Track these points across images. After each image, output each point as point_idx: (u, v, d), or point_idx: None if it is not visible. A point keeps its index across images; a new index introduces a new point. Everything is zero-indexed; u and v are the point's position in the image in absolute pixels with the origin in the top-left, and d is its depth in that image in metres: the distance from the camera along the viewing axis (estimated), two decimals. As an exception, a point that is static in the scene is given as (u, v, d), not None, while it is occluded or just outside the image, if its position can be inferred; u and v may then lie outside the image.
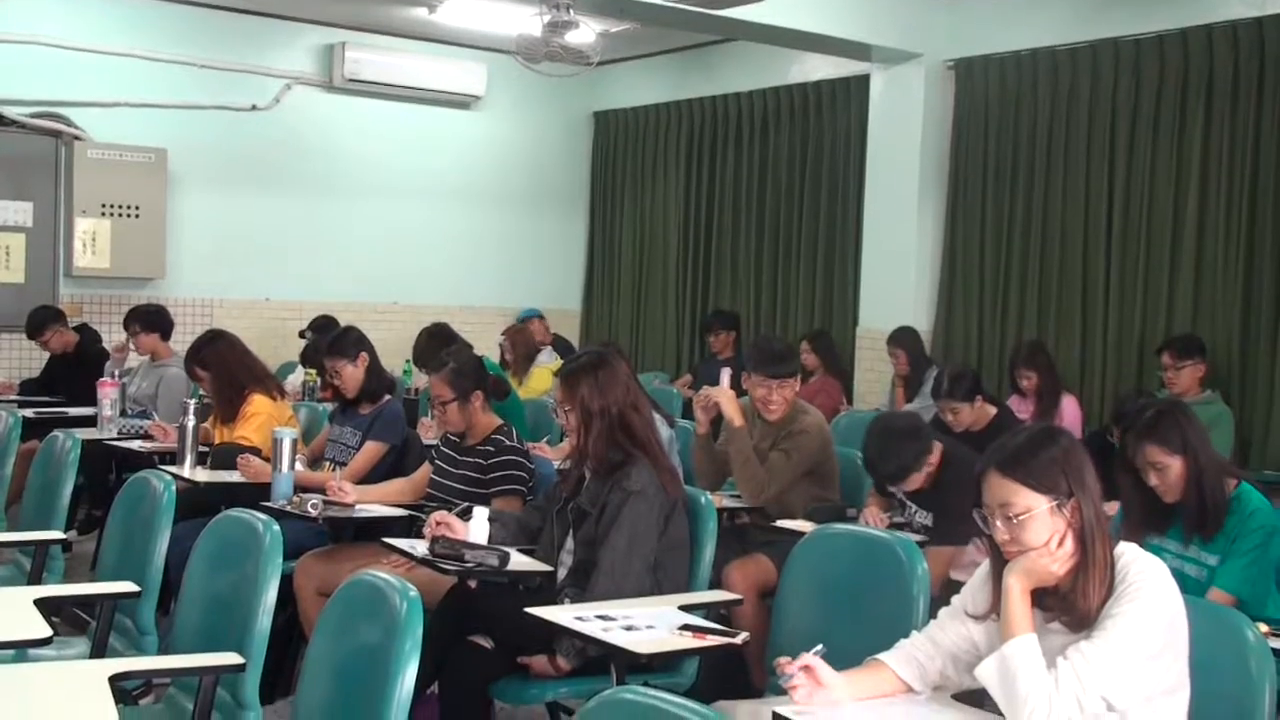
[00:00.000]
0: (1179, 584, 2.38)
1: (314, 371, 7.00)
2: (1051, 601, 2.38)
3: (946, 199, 7.73)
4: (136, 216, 8.41)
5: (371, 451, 4.79)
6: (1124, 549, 2.39)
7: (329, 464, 4.97)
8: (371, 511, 4.29)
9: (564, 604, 3.36)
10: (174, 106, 8.60)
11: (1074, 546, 2.34)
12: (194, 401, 5.08)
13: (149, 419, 6.01)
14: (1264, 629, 2.85)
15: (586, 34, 6.78)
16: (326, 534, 4.53)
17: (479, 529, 3.63)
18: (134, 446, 5.47)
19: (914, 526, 4.21)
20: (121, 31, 8.43)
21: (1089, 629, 2.32)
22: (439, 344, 5.79)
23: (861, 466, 4.45)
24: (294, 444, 4.46)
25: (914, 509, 4.27)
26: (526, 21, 6.79)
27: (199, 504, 4.41)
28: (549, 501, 3.82)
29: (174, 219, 8.62)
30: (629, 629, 2.96)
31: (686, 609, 3.20)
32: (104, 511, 5.27)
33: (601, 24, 7.67)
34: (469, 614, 3.50)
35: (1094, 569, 2.33)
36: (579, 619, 3.01)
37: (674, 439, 5.02)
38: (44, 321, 7.23)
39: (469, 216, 9.96)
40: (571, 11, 6.64)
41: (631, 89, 10.15)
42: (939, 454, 4.18)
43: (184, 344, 6.12)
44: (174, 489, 3.52)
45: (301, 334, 8.27)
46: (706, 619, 3.24)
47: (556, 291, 10.34)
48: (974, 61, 7.54)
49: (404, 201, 9.64)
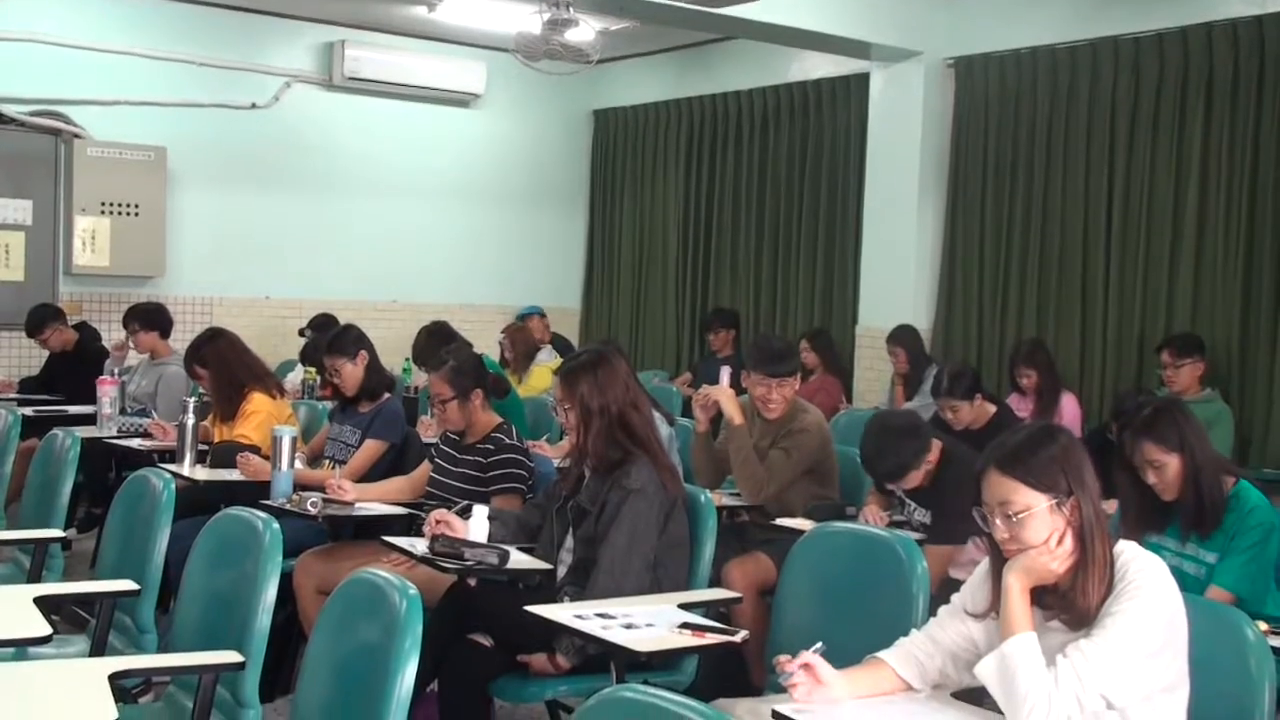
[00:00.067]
0: (1178, 582, 2.38)
1: (313, 370, 7.00)
2: (1051, 600, 2.38)
3: (946, 197, 7.72)
4: (136, 215, 8.41)
5: (371, 450, 4.79)
6: (1123, 547, 2.39)
7: (328, 462, 4.97)
8: (371, 510, 4.29)
9: (563, 602, 3.36)
10: (174, 105, 8.60)
11: (1073, 545, 2.34)
12: (193, 400, 5.08)
13: (148, 417, 6.01)
14: (1263, 627, 2.85)
15: (586, 32, 6.78)
16: (326, 532, 4.53)
17: (478, 527, 3.63)
18: (133, 445, 5.47)
19: (913, 525, 4.21)
20: (121, 30, 8.42)
21: (1088, 627, 2.32)
22: (439, 342, 5.79)
23: (861, 465, 4.45)
24: (293, 442, 4.46)
25: (913, 507, 4.27)
26: (526, 20, 6.79)
27: (198, 502, 4.42)
28: (548, 500, 3.82)
29: (173, 217, 8.62)
30: (628, 627, 2.95)
31: (686, 607, 3.20)
32: (103, 510, 5.27)
33: (601, 22, 7.67)
34: (469, 612, 3.50)
35: (1093, 567, 2.33)
36: (578, 617, 3.00)
37: (673, 437, 5.02)
38: (43, 320, 7.23)
39: (469, 215, 9.95)
40: (571, 9, 6.64)
41: (631, 87, 10.14)
42: (938, 452, 4.18)
43: (183, 342, 6.13)
44: (173, 487, 3.52)
45: (301, 332, 8.27)
46: (706, 617, 3.24)
47: (556, 290, 10.33)
48: (974, 60, 7.53)
49: (404, 200, 9.63)
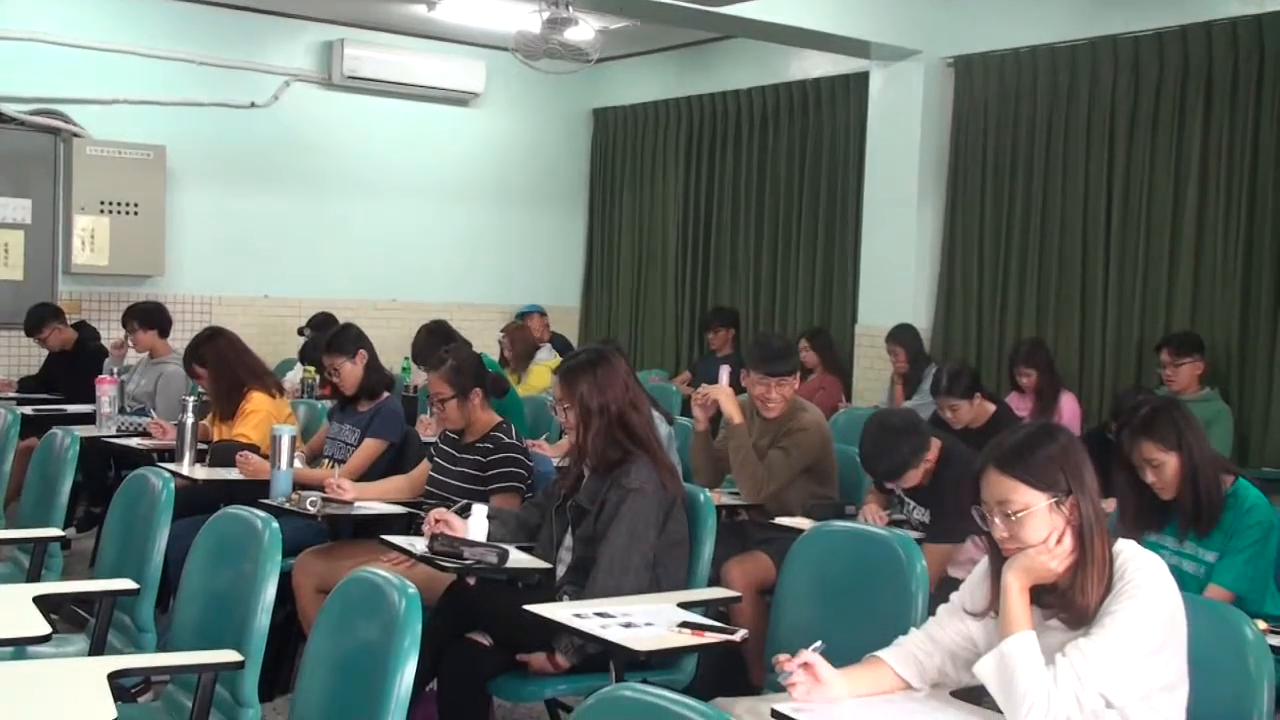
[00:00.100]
0: (1177, 581, 2.38)
1: (313, 369, 7.00)
2: (1050, 599, 2.38)
3: (946, 196, 7.72)
4: (135, 214, 8.41)
5: (370, 449, 4.79)
6: (1122, 546, 2.39)
7: (328, 461, 4.97)
8: (370, 509, 4.28)
9: (563, 601, 3.36)
10: (173, 104, 8.60)
11: (1072, 543, 2.34)
12: (192, 399, 5.08)
13: (147, 416, 6.01)
14: (1262, 626, 2.85)
15: (585, 31, 6.78)
16: (325, 531, 4.53)
17: (478, 526, 3.63)
18: (133, 444, 5.47)
19: (912, 523, 4.21)
20: (120, 28, 8.42)
21: (1087, 626, 2.32)
22: (438, 341, 5.79)
23: (860, 464, 4.45)
24: (293, 441, 4.46)
25: (912, 506, 4.27)
26: (525, 18, 6.80)
27: (198, 501, 4.41)
28: (548, 499, 3.82)
29: (173, 216, 8.62)
30: (628, 626, 2.95)
31: (685, 606, 3.20)
32: (103, 509, 5.26)
33: (600, 21, 7.67)
34: (468, 611, 3.50)
35: (1092, 566, 2.33)
36: (578, 616, 3.00)
37: (673, 436, 5.03)
38: (43, 319, 7.23)
39: (468, 214, 9.95)
40: (570, 8, 6.64)
41: (631, 86, 10.14)
42: (937, 451, 4.18)
43: (183, 341, 6.12)
44: (173, 486, 3.52)
45: (300, 331, 8.27)
46: (705, 616, 3.24)
47: (555, 289, 10.33)
48: (973, 59, 7.53)
49: (403, 199, 9.63)
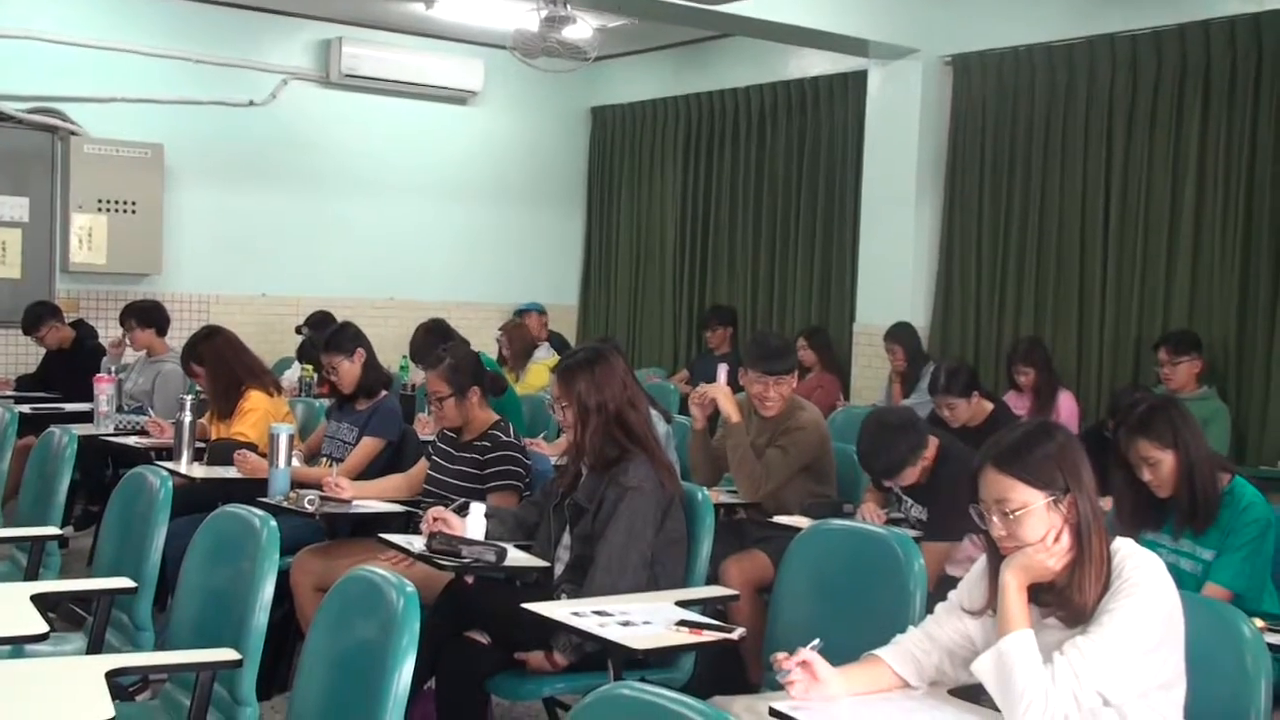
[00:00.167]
0: (1174, 579, 2.38)
1: (311, 367, 7.00)
2: (1048, 597, 2.38)
3: (944, 195, 7.72)
4: (133, 212, 8.40)
5: (368, 447, 4.79)
6: (1120, 544, 2.39)
7: (326, 460, 4.97)
8: (368, 507, 4.28)
9: (561, 600, 3.36)
10: (170, 102, 8.60)
11: (1070, 542, 2.34)
12: (190, 397, 5.08)
13: (145, 415, 6.00)
14: (1260, 624, 2.85)
15: (583, 29, 6.78)
16: (323, 530, 4.53)
17: (476, 525, 3.63)
18: (130, 442, 5.46)
19: (910, 522, 4.21)
20: (118, 27, 8.42)
21: (1085, 624, 2.32)
22: (436, 340, 5.79)
23: (858, 462, 4.45)
24: (291, 440, 4.46)
25: (910, 504, 4.27)
26: (523, 17, 6.80)
27: (196, 500, 4.41)
28: (546, 497, 3.82)
29: (170, 214, 8.62)
30: (626, 624, 2.95)
31: (683, 604, 3.20)
32: (100, 507, 5.23)
33: (598, 19, 7.67)
34: (466, 609, 3.50)
35: (1090, 564, 2.33)
36: (576, 614, 3.00)
37: (671, 435, 5.02)
38: (40, 317, 7.23)
39: (466, 212, 9.95)
40: (568, 7, 6.64)
41: (629, 84, 10.14)
42: (935, 449, 4.18)
43: (180, 339, 6.11)
44: (170, 485, 3.52)
45: (298, 329, 8.27)
46: (703, 615, 3.24)
47: (553, 287, 10.32)
48: (971, 57, 7.53)
49: (401, 197, 9.62)
